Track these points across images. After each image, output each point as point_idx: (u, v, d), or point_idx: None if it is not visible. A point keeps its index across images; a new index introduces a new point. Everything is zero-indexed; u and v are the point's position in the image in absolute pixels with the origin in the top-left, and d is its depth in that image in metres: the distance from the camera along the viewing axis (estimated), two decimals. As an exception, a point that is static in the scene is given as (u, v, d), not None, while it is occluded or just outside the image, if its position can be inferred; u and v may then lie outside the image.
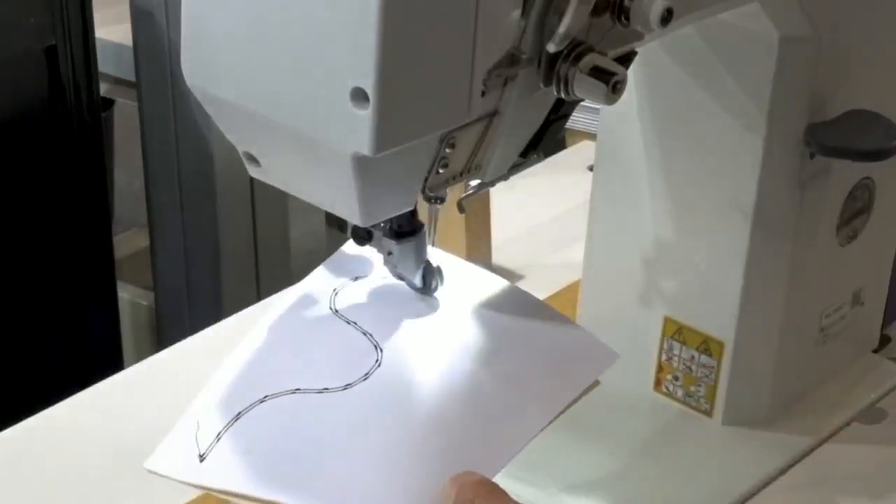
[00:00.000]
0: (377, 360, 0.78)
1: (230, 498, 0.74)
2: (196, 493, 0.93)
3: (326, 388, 0.76)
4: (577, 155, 1.42)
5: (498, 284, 0.84)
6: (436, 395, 0.76)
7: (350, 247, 0.85)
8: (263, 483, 0.72)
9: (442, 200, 0.78)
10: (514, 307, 0.83)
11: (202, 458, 0.74)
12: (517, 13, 0.70)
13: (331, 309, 0.82)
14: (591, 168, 1.05)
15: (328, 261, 0.85)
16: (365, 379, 0.76)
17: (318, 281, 0.84)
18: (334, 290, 0.83)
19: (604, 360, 0.81)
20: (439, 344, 0.79)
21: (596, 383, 0.81)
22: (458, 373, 0.77)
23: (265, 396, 0.76)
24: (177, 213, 1.94)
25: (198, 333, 1.13)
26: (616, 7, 0.72)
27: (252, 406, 0.75)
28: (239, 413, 0.75)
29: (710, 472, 0.98)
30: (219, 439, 0.74)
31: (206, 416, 0.76)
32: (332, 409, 0.75)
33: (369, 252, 0.83)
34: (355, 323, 0.80)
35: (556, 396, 0.79)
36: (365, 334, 0.79)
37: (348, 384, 0.76)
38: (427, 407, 0.75)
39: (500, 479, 0.84)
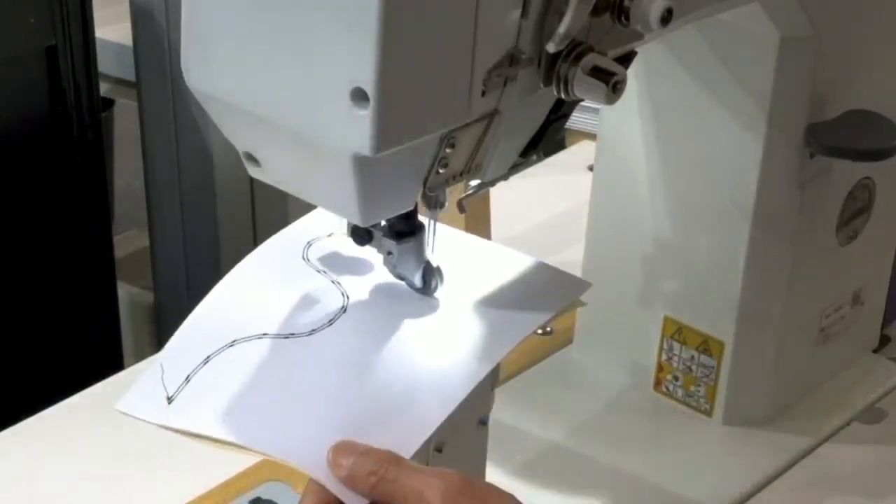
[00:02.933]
0: (343, 307, 0.79)
1: (198, 440, 0.74)
2: (197, 493, 0.94)
3: (293, 334, 0.78)
4: (577, 155, 1.42)
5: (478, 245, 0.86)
6: (395, 341, 0.78)
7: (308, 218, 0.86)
8: (229, 426, 0.73)
9: (442, 205, 0.78)
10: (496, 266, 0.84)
11: (170, 400, 0.75)
12: (517, 13, 0.70)
13: (303, 258, 0.83)
14: (591, 168, 1.05)
15: (301, 219, 0.86)
16: (330, 324, 0.78)
17: (292, 234, 0.85)
18: (308, 242, 0.85)
19: (574, 288, 0.82)
20: (408, 296, 0.81)
21: (579, 303, 0.81)
22: (422, 323, 0.79)
23: (234, 341, 0.77)
24: (177, 213, 1.93)
25: (198, 333, 1.13)
26: (616, 7, 0.72)
27: (221, 350, 0.77)
28: (208, 357, 0.77)
29: (710, 472, 0.98)
30: (188, 382, 0.76)
31: (175, 360, 0.77)
32: (297, 355, 0.77)
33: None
34: (325, 272, 0.82)
35: (516, 327, 0.79)
36: (334, 282, 0.81)
37: (313, 329, 0.78)
38: (386, 354, 0.77)
39: (501, 480, 0.83)
